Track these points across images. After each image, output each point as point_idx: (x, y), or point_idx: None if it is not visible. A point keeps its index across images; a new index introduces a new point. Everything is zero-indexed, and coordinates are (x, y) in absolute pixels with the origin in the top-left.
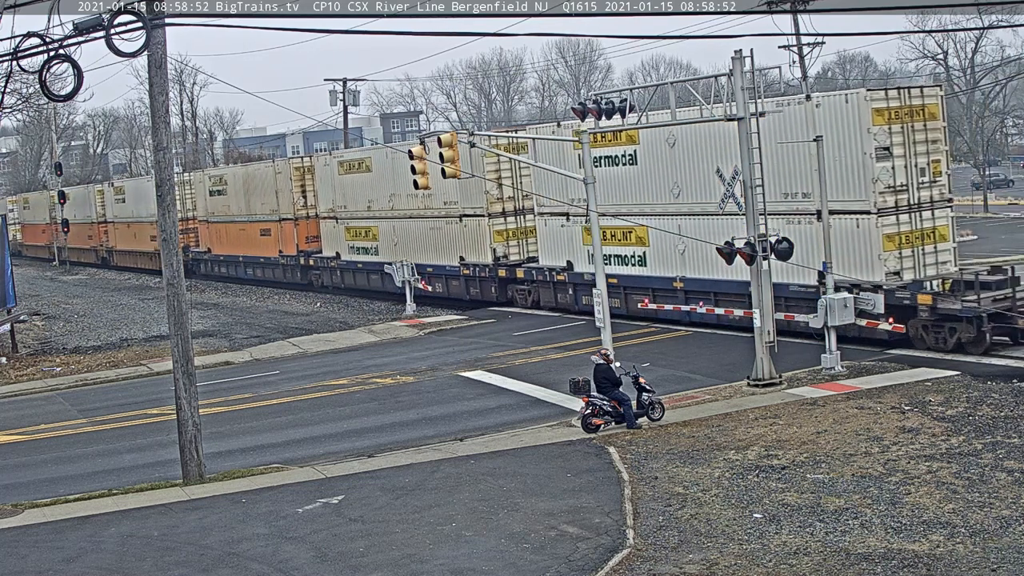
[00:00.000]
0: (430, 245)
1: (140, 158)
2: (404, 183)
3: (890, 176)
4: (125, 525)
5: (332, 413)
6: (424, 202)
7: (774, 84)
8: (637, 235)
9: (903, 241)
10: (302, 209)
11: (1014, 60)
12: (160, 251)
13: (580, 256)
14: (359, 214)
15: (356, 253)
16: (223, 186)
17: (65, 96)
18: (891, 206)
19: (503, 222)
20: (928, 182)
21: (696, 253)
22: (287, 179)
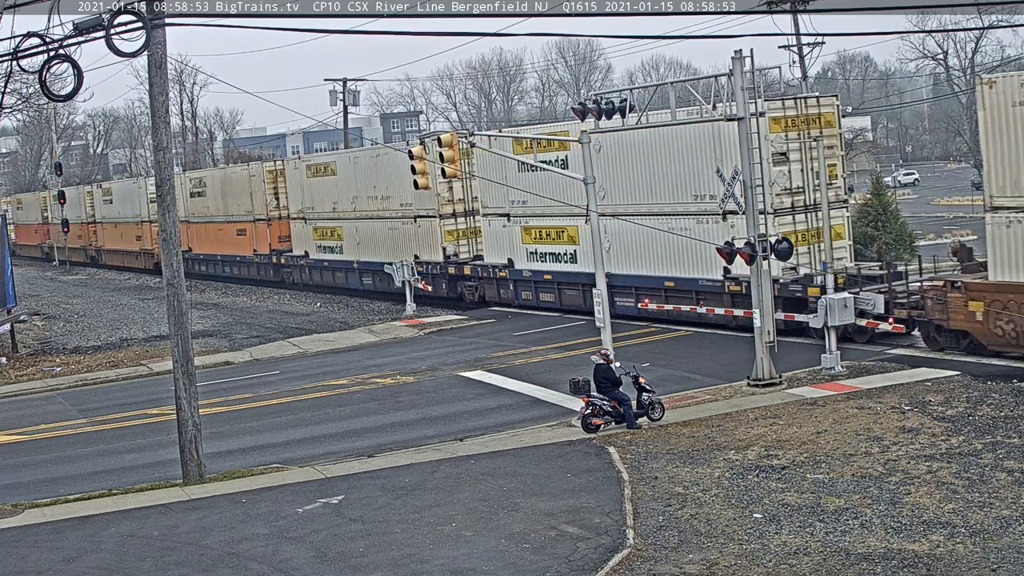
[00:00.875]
0: (389, 244)
1: (140, 158)
2: (365, 186)
3: (786, 179)
4: (125, 525)
5: (332, 413)
6: (383, 204)
7: (774, 84)
8: (569, 234)
9: (799, 239)
10: (274, 210)
11: (1014, 60)
12: (160, 251)
13: (519, 254)
14: (325, 215)
15: (323, 252)
16: (202, 188)
17: (65, 96)
18: (787, 207)
19: (453, 223)
20: (824, 184)
21: (619, 250)
22: (261, 182)
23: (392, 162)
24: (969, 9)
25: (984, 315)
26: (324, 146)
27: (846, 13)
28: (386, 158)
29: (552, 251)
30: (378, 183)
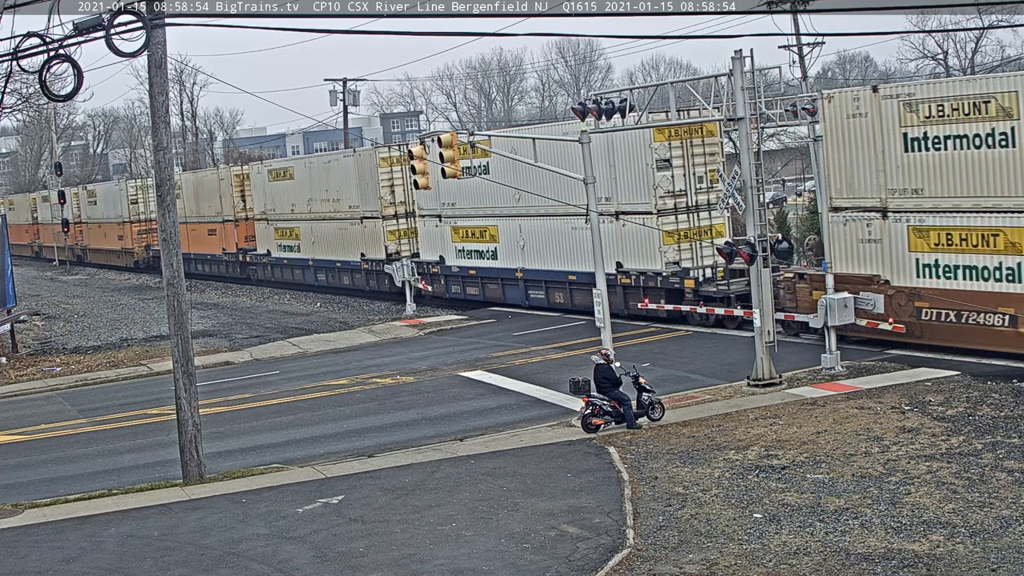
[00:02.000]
0: (339, 243)
1: (140, 158)
2: (319, 189)
3: (669, 183)
4: (125, 525)
5: (332, 413)
6: (334, 206)
7: (774, 84)
8: (490, 233)
9: (681, 237)
10: (241, 212)
11: (1014, 60)
12: (160, 251)
13: (450, 252)
14: (285, 216)
15: (283, 250)
16: (177, 191)
17: (65, 96)
18: (670, 208)
19: (395, 224)
20: (705, 188)
21: (533, 248)
22: (229, 185)
23: (342, 167)
24: (969, 9)
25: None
26: (324, 146)
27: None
28: (336, 164)
29: (477, 249)
30: (330, 187)
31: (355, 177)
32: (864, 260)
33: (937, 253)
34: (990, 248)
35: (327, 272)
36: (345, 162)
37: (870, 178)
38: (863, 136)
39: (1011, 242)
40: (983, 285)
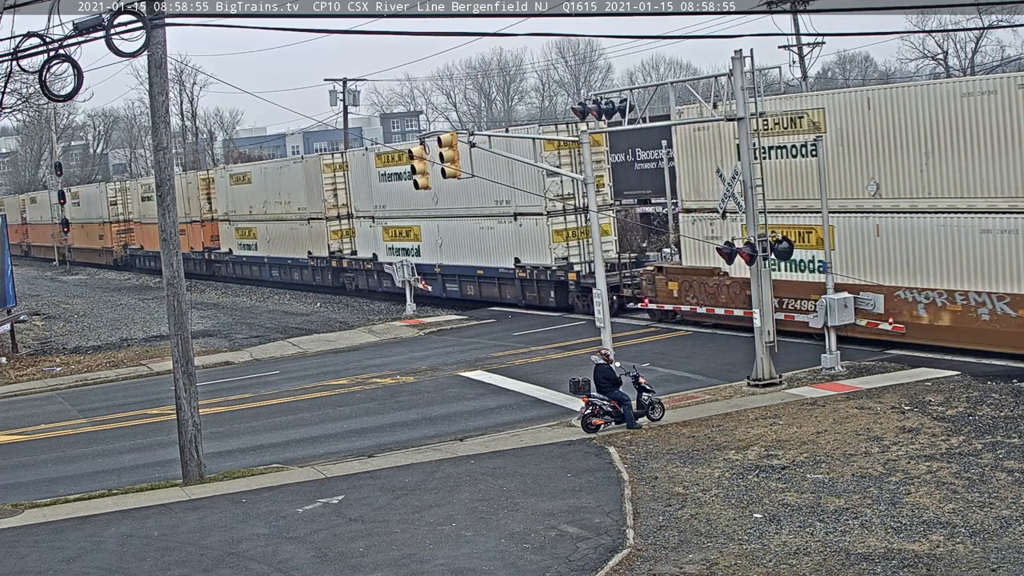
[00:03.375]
0: (290, 242)
1: (140, 158)
2: (273, 192)
3: (559, 188)
4: (125, 525)
5: (332, 413)
6: (286, 208)
7: (774, 84)
8: (414, 232)
9: (569, 235)
10: (207, 213)
11: (1014, 60)
12: (160, 251)
13: (381, 249)
14: (244, 217)
15: (243, 249)
16: (151, 193)
17: (65, 96)
18: (559, 210)
19: (338, 224)
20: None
21: (448, 246)
22: (196, 188)
23: (292, 173)
24: (969, 9)
25: (680, 293)
26: (324, 146)
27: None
28: (287, 170)
29: (404, 247)
30: (282, 191)
31: (303, 182)
32: (709, 255)
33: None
34: (807, 244)
35: (280, 269)
36: (295, 168)
37: (712, 184)
38: (705, 148)
39: (821, 238)
40: (800, 276)
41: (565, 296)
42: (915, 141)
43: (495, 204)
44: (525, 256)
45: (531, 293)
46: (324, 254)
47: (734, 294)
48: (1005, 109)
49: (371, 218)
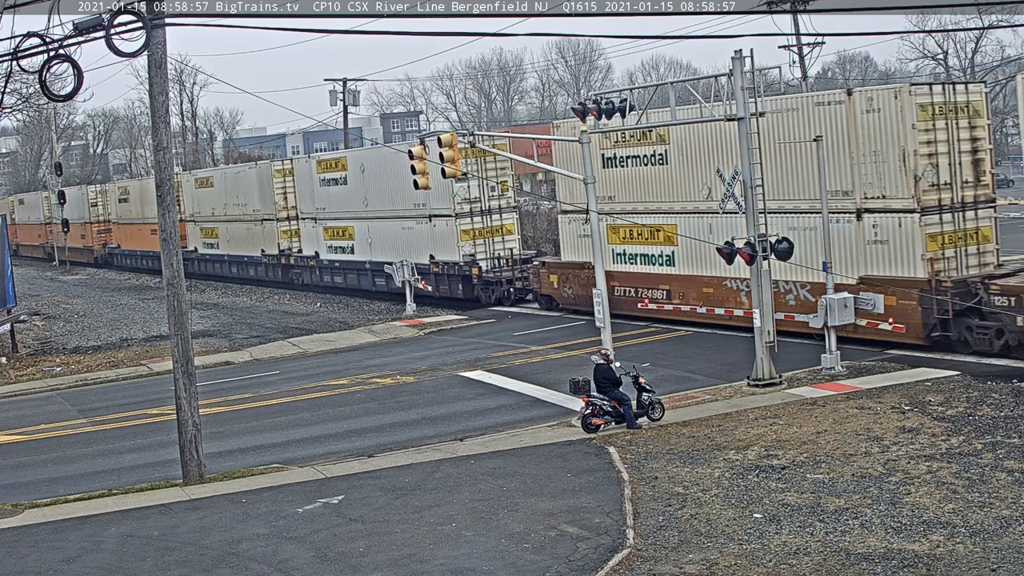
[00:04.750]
0: (246, 241)
1: (140, 158)
2: (232, 196)
3: (467, 192)
4: (125, 525)
5: (332, 413)
6: (242, 210)
7: (774, 84)
8: (349, 232)
9: (476, 235)
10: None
11: (1014, 60)
12: (160, 251)
13: (323, 248)
14: (207, 218)
15: (206, 247)
16: (127, 195)
17: (65, 96)
18: (467, 212)
19: (287, 224)
20: (498, 195)
21: (382, 243)
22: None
23: (247, 178)
24: (969, 9)
25: (559, 284)
26: (324, 146)
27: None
28: (244, 175)
29: (340, 245)
30: (239, 194)
31: (257, 186)
32: (581, 250)
33: (624, 245)
34: (655, 240)
35: (237, 265)
36: (249, 173)
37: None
38: (577, 157)
39: (668, 236)
40: (651, 268)
41: (471, 289)
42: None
43: (413, 207)
44: (439, 253)
45: (443, 286)
46: (275, 252)
47: (612, 283)
48: (806, 124)
49: (313, 219)
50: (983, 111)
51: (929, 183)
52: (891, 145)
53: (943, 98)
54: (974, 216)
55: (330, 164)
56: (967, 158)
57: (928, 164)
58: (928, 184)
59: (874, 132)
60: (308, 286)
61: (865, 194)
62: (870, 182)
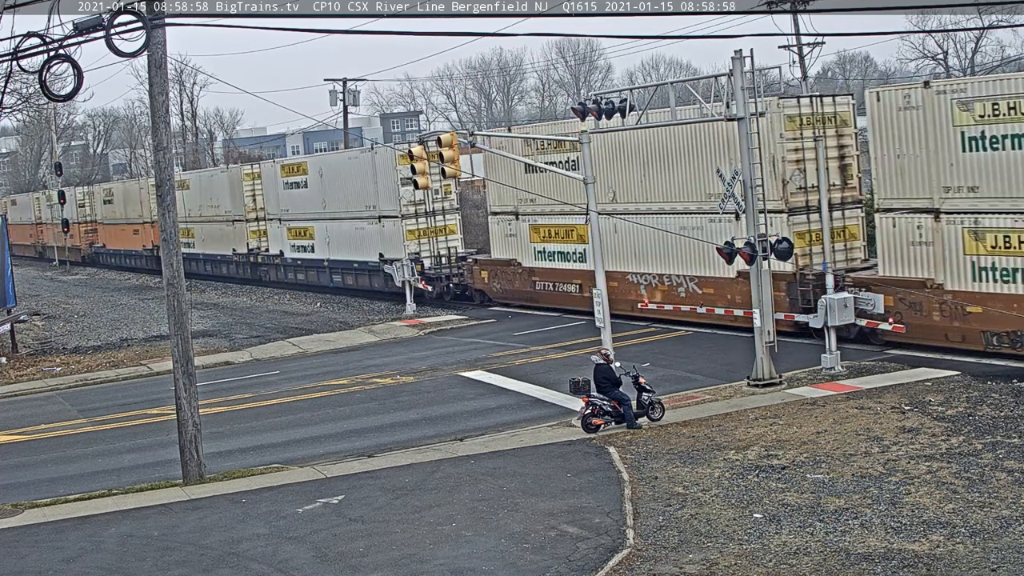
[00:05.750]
0: (219, 240)
1: (140, 158)
2: (206, 198)
3: (412, 195)
4: (125, 525)
5: (332, 413)
6: (215, 211)
7: (774, 84)
8: (310, 232)
9: (421, 234)
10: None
11: (1014, 60)
12: (160, 250)
13: (286, 247)
14: (184, 219)
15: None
16: (111, 197)
17: (65, 96)
18: (412, 213)
19: (256, 225)
20: (441, 198)
21: (339, 242)
22: (147, 193)
23: (219, 181)
24: (969, 9)
25: (489, 279)
26: (324, 146)
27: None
28: (216, 178)
29: (303, 244)
30: (213, 195)
31: (228, 189)
32: (508, 248)
33: (544, 243)
34: (570, 239)
35: (211, 264)
36: (221, 176)
37: (508, 192)
38: (502, 164)
39: (580, 235)
40: (566, 264)
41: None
42: (637, 160)
43: (365, 208)
44: (387, 251)
45: (392, 282)
46: (244, 251)
47: (524, 279)
48: (689, 138)
49: (279, 220)
50: (850, 120)
51: (797, 186)
52: (763, 152)
53: (811, 109)
54: (841, 216)
55: (293, 168)
56: (835, 164)
57: (796, 169)
58: (796, 187)
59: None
60: (275, 283)
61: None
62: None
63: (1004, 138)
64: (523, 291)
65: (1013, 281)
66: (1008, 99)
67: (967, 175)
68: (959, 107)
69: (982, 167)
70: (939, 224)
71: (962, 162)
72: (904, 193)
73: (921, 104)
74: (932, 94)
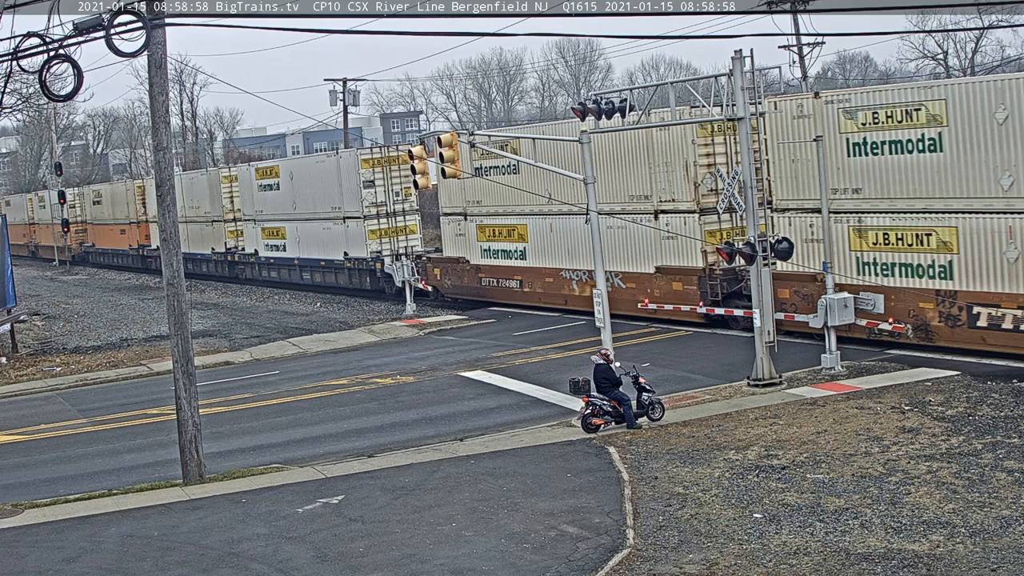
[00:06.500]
0: (199, 240)
1: (140, 158)
2: (188, 199)
3: (373, 197)
4: (125, 525)
5: (332, 413)
6: (196, 212)
7: (774, 84)
8: (281, 232)
9: (382, 234)
10: (141, 216)
11: (1014, 60)
12: (160, 250)
13: (261, 246)
14: None
15: None
16: (100, 198)
17: (65, 96)
18: (374, 215)
19: (233, 225)
20: (401, 200)
21: (307, 242)
22: (133, 194)
23: (199, 183)
24: (969, 9)
25: (441, 276)
26: (324, 146)
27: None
28: (196, 180)
29: (275, 243)
30: (194, 197)
31: (207, 190)
32: (458, 247)
33: (489, 242)
34: (512, 238)
35: (192, 262)
36: (202, 179)
37: (457, 194)
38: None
39: (520, 234)
40: (509, 262)
41: (376, 281)
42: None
43: (331, 210)
44: (351, 250)
45: (355, 279)
46: (223, 250)
47: (471, 275)
48: (616, 144)
49: (254, 220)
50: (759, 127)
51: (708, 188)
52: (677, 158)
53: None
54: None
55: (266, 172)
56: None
57: (707, 173)
58: (707, 189)
59: (666, 147)
60: (250, 280)
61: (660, 198)
62: (663, 188)
63: (883, 144)
64: (471, 287)
65: (891, 275)
66: (886, 108)
67: (851, 178)
68: (844, 116)
69: (864, 171)
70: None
71: (847, 166)
72: (798, 195)
73: (812, 113)
74: (821, 104)
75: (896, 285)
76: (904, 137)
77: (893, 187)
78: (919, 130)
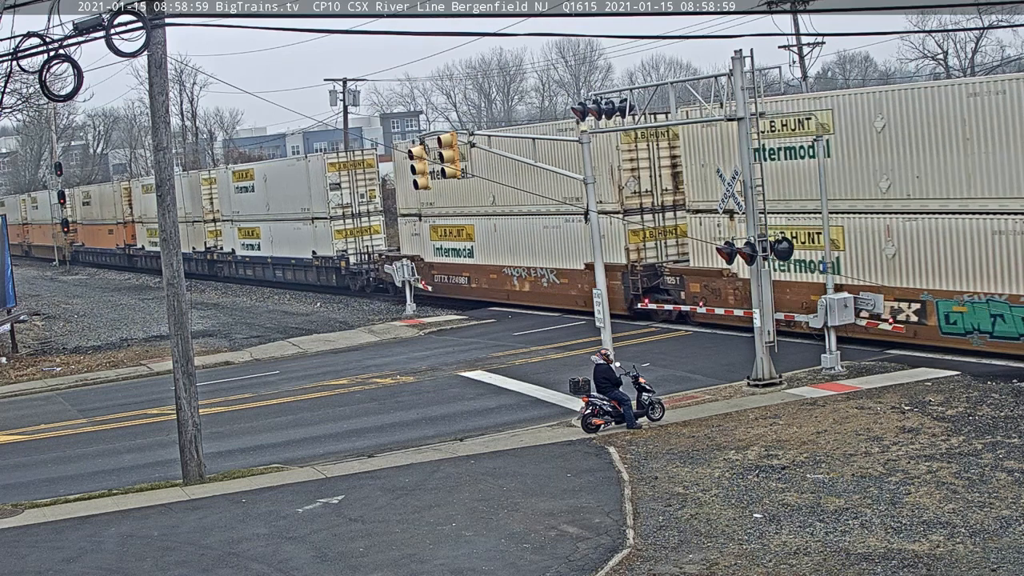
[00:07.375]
0: (189, 239)
1: (140, 158)
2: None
3: (340, 199)
4: (125, 525)
5: (332, 413)
6: (183, 213)
7: (774, 84)
8: (257, 232)
9: (348, 234)
10: (128, 216)
11: (1014, 60)
12: (160, 251)
13: (238, 245)
14: (152, 220)
15: (151, 245)
16: (89, 199)
17: (65, 96)
18: (340, 215)
19: (213, 225)
20: (366, 202)
21: (280, 241)
22: (120, 196)
23: (189, 184)
24: (969, 9)
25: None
26: (324, 146)
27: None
28: (186, 179)
29: (251, 243)
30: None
31: (188, 191)
32: (414, 246)
33: (441, 241)
34: (461, 237)
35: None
36: (183, 180)
37: (413, 196)
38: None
39: (468, 234)
40: (458, 260)
41: (342, 279)
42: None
43: (301, 211)
44: (319, 249)
45: (323, 276)
46: (203, 249)
47: (426, 273)
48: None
49: (231, 221)
50: (680, 134)
51: (632, 191)
52: (604, 163)
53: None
54: (674, 216)
55: (242, 174)
56: (667, 172)
57: (631, 177)
58: (631, 192)
59: (594, 152)
60: (228, 278)
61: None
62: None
63: (779, 150)
64: (427, 283)
65: (787, 270)
66: (781, 118)
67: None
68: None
69: (764, 175)
70: (733, 223)
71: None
72: (707, 196)
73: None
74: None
75: (791, 280)
76: (797, 143)
77: (788, 190)
78: (810, 138)
